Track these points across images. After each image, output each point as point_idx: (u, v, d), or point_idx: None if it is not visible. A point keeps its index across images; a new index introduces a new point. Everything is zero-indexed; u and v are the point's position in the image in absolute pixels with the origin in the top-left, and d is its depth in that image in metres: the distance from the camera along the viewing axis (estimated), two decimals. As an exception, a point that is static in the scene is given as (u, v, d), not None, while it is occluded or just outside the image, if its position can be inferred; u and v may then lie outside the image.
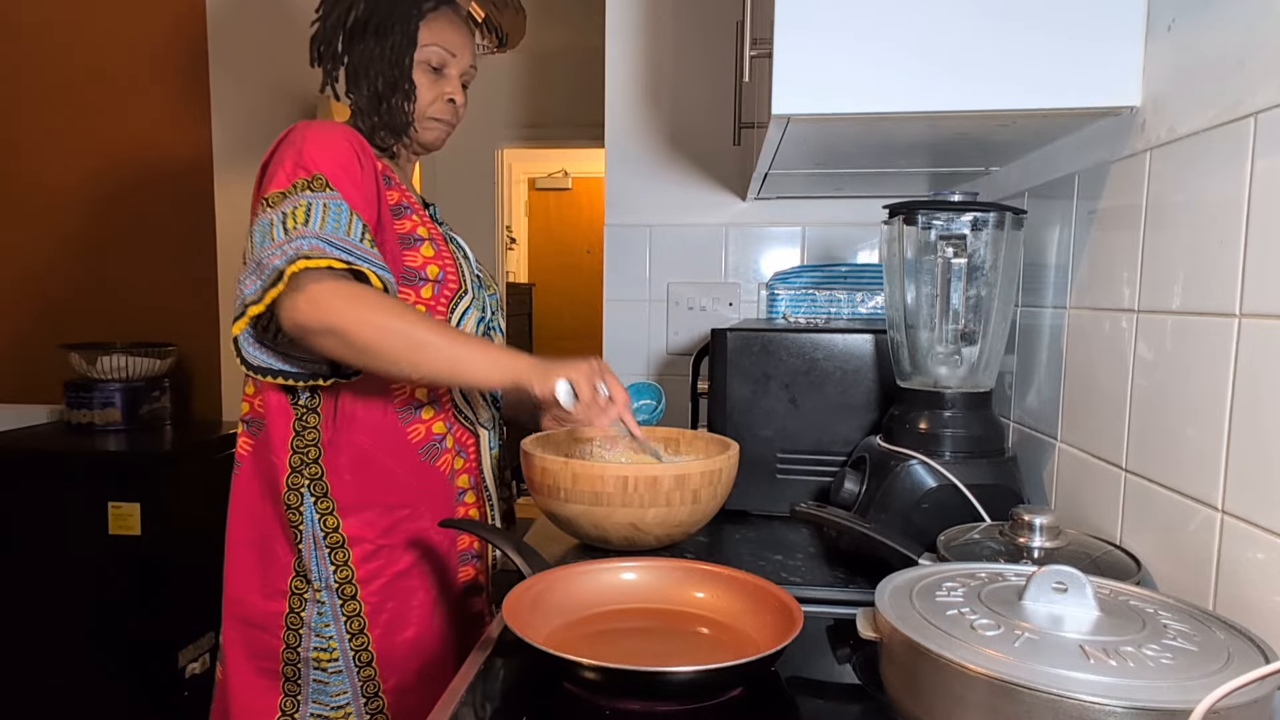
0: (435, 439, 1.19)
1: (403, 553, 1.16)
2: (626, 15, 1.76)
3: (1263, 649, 0.57)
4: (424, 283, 1.15)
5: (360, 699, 1.15)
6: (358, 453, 1.14)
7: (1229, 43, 0.71)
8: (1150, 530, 0.82)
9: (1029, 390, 1.13)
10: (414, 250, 1.16)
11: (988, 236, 1.01)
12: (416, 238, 1.16)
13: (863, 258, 1.74)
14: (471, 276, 1.24)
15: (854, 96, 0.89)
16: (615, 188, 1.80)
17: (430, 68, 1.21)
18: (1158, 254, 0.82)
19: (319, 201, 1.03)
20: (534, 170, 5.98)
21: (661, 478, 0.97)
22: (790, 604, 0.77)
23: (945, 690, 0.55)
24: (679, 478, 0.98)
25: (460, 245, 1.28)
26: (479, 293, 1.25)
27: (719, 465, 1.02)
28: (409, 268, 1.14)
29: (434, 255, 1.17)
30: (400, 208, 1.17)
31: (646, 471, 0.97)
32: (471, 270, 1.26)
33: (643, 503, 0.98)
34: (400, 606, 1.16)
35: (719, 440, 1.14)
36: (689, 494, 1.00)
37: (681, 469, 0.99)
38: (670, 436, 1.20)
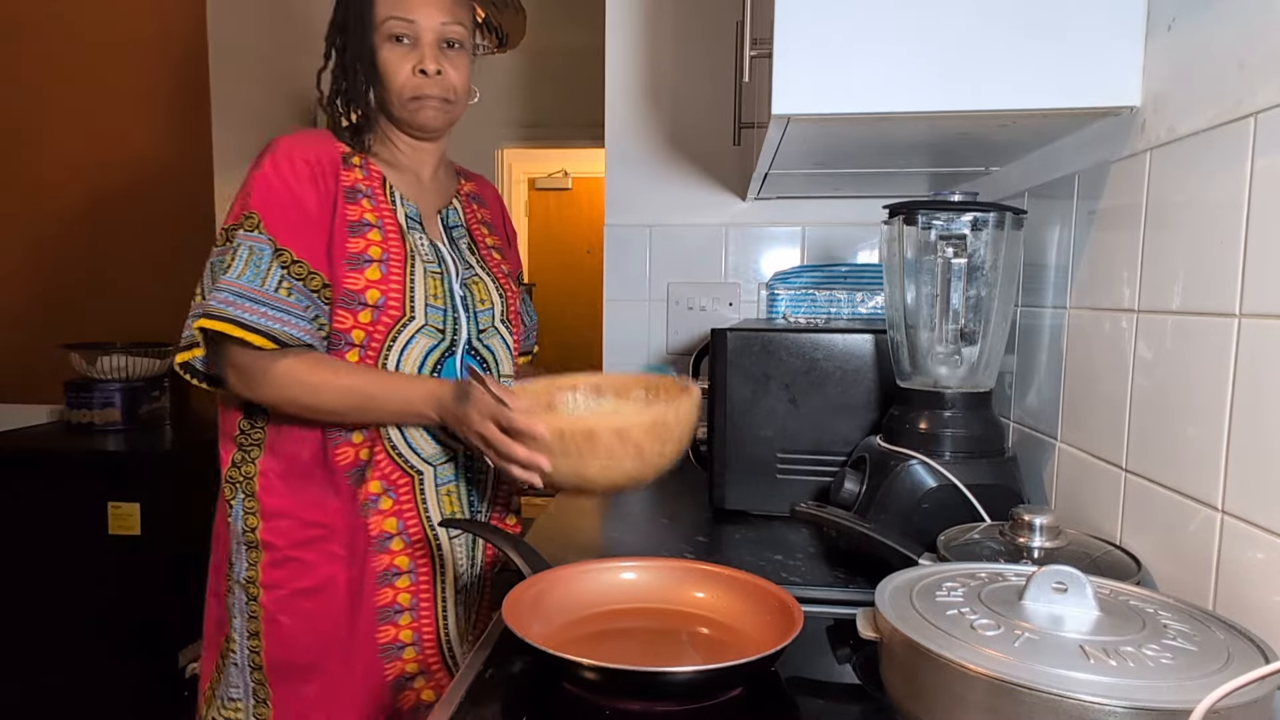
0: (360, 465, 1.14)
1: (308, 571, 1.12)
2: (626, 15, 1.76)
3: (1263, 649, 0.57)
4: (362, 308, 1.09)
5: (250, 701, 1.14)
6: (292, 461, 1.13)
7: (1229, 42, 0.71)
8: (1150, 530, 0.82)
9: (1029, 390, 1.13)
10: (358, 272, 1.09)
11: (988, 236, 1.01)
12: (366, 258, 1.10)
13: (863, 258, 1.74)
14: (430, 300, 1.14)
15: (854, 96, 0.89)
16: (615, 188, 1.80)
17: (395, 42, 1.13)
18: (1158, 254, 0.81)
19: (246, 245, 1.06)
20: (534, 170, 5.97)
21: (598, 431, 0.95)
22: (790, 604, 0.77)
23: (945, 690, 0.55)
24: (619, 431, 0.95)
25: (447, 262, 1.19)
26: (449, 318, 1.16)
27: (665, 417, 0.98)
28: (349, 291, 1.09)
29: (379, 279, 1.10)
30: (360, 225, 1.11)
31: (582, 424, 0.96)
32: (446, 292, 1.17)
33: (581, 454, 0.95)
34: (297, 627, 1.12)
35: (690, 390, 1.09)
36: (631, 448, 0.96)
37: (621, 421, 0.97)
38: (654, 384, 1.16)
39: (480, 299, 1.22)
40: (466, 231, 1.27)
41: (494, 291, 1.25)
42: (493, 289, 1.25)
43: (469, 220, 1.28)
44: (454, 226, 1.25)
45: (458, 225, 1.25)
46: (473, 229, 1.28)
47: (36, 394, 2.60)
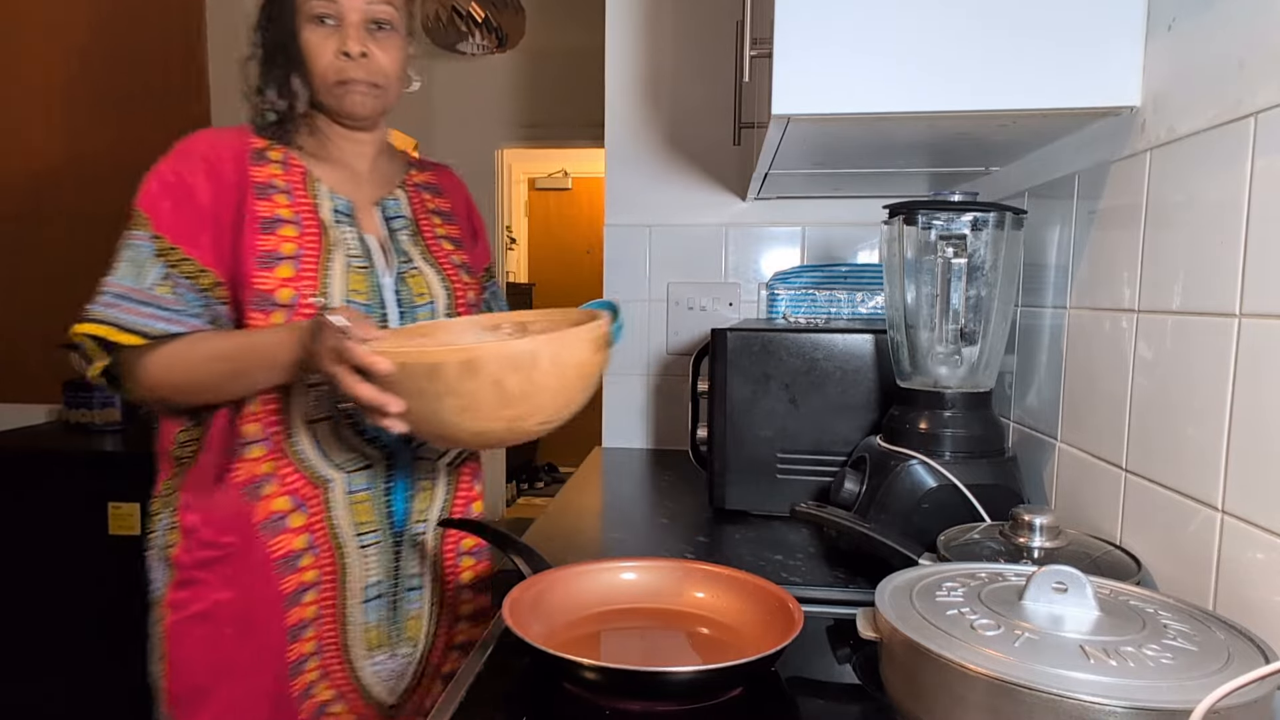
0: (258, 481, 1.05)
1: (203, 593, 1.04)
2: (626, 15, 1.76)
3: (1263, 649, 0.57)
4: (275, 308, 1.02)
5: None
6: (201, 476, 1.06)
7: (1229, 42, 0.71)
8: (1150, 530, 0.82)
9: (1029, 390, 1.13)
10: (268, 271, 1.02)
11: (988, 236, 1.01)
12: (278, 256, 1.03)
13: (863, 258, 1.74)
14: (351, 295, 1.06)
15: (854, 96, 0.89)
16: (615, 188, 1.80)
17: (318, 23, 1.05)
18: (1158, 254, 0.81)
19: (129, 244, 1.03)
20: (534, 170, 5.97)
21: (444, 364, 0.81)
22: (790, 604, 0.77)
23: (945, 690, 0.55)
24: (467, 363, 0.80)
25: (375, 255, 1.11)
26: (375, 315, 1.08)
27: (533, 350, 0.83)
28: (260, 291, 1.02)
29: (291, 276, 1.03)
30: (273, 221, 1.04)
31: (425, 356, 0.83)
32: (372, 286, 1.09)
33: (431, 393, 0.82)
34: (190, 653, 1.05)
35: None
36: (488, 385, 0.81)
37: (470, 353, 0.82)
38: (586, 319, 0.98)
39: (418, 293, 1.13)
40: (411, 222, 1.18)
41: (437, 284, 1.15)
42: (435, 281, 1.15)
43: (416, 210, 1.19)
44: (394, 217, 1.16)
45: (399, 216, 1.16)
46: (420, 219, 1.19)
47: (36, 394, 2.60)
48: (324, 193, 1.09)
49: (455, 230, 1.24)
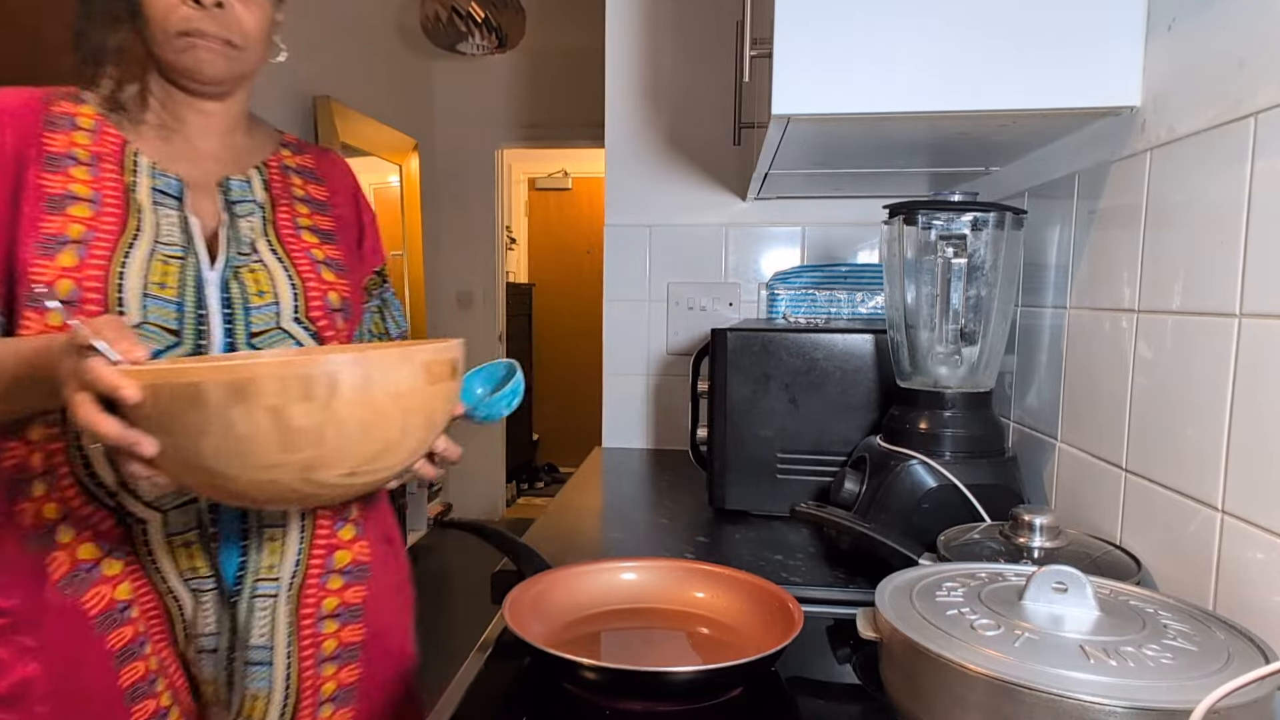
0: (48, 526, 0.86)
1: (5, 672, 0.85)
2: (626, 15, 1.76)
3: (1263, 649, 0.57)
4: (51, 305, 0.84)
5: None
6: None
7: (1229, 42, 0.71)
8: (1150, 530, 0.82)
9: (1029, 390, 1.13)
10: (49, 259, 0.84)
11: (988, 236, 1.01)
12: (61, 240, 0.85)
13: (863, 258, 1.74)
14: (153, 290, 0.87)
15: (854, 96, 0.89)
16: (615, 188, 1.80)
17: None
18: (1158, 254, 0.82)
19: None
20: (534, 170, 5.98)
21: (205, 385, 0.61)
22: (790, 604, 0.77)
23: (945, 690, 0.55)
24: (235, 384, 0.61)
25: (197, 242, 0.91)
26: (188, 315, 0.89)
27: (326, 369, 0.63)
28: (36, 284, 0.83)
29: (74, 266, 0.84)
30: (63, 199, 0.86)
31: (183, 375, 0.62)
32: (187, 281, 0.89)
33: (191, 427, 0.62)
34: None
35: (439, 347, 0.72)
36: (263, 417, 0.61)
37: (240, 371, 0.61)
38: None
39: (256, 290, 0.93)
40: (265, 207, 0.98)
41: (284, 282, 0.95)
42: (282, 278, 0.95)
43: (276, 194, 1.00)
44: (240, 200, 0.96)
45: (247, 200, 0.97)
46: (279, 204, 0.99)
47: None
48: (144, 168, 0.90)
49: (328, 222, 1.03)
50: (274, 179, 1.01)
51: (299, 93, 2.98)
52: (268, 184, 1.00)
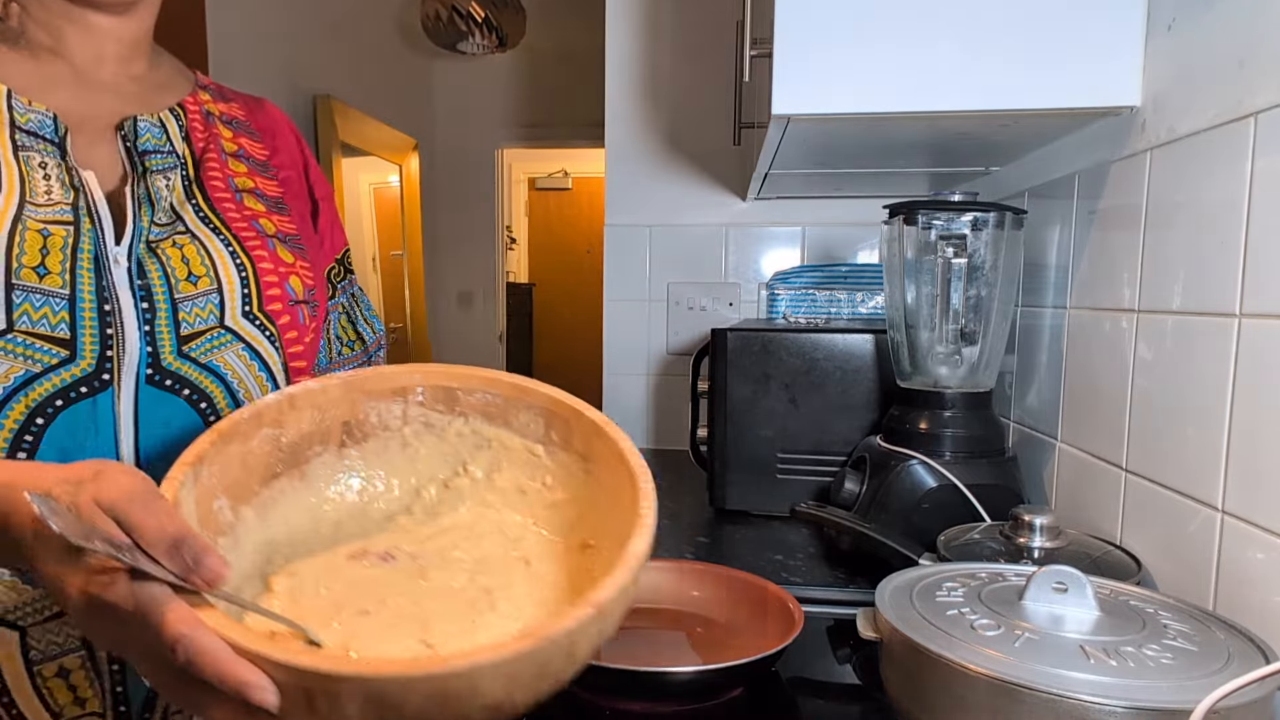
0: None
1: None
2: (626, 15, 1.76)
3: (1263, 649, 0.57)
4: None
5: None
6: None
7: (1229, 43, 0.71)
8: (1150, 530, 0.82)
9: (1029, 390, 1.13)
10: None
11: (988, 236, 1.01)
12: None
13: (863, 258, 1.74)
14: (22, 277, 0.60)
15: (854, 96, 0.89)
16: (615, 188, 1.80)
17: None
18: (1158, 254, 0.82)
19: None
20: (534, 170, 5.97)
21: (409, 694, 0.41)
22: (790, 604, 0.77)
23: (945, 690, 0.55)
24: (439, 694, 0.42)
25: (99, 207, 0.65)
26: (84, 312, 0.62)
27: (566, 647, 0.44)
28: None
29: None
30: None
31: (345, 666, 0.42)
32: (82, 263, 0.63)
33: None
34: None
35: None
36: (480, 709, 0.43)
37: (464, 662, 0.41)
38: (556, 407, 0.61)
39: (186, 275, 0.67)
40: (187, 161, 0.73)
41: (226, 259, 0.70)
42: (222, 254, 0.70)
43: (201, 147, 0.74)
44: (153, 151, 0.70)
45: (163, 151, 0.71)
46: (206, 160, 0.74)
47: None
48: (8, 99, 0.64)
49: (274, 187, 0.79)
50: (195, 126, 0.75)
51: (299, 92, 2.98)
52: (188, 133, 0.74)
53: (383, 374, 0.62)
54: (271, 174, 0.80)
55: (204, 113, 0.77)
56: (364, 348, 0.91)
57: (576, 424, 0.60)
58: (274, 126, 0.84)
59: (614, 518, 0.55)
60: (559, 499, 0.61)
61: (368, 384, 0.61)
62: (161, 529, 0.44)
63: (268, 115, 0.84)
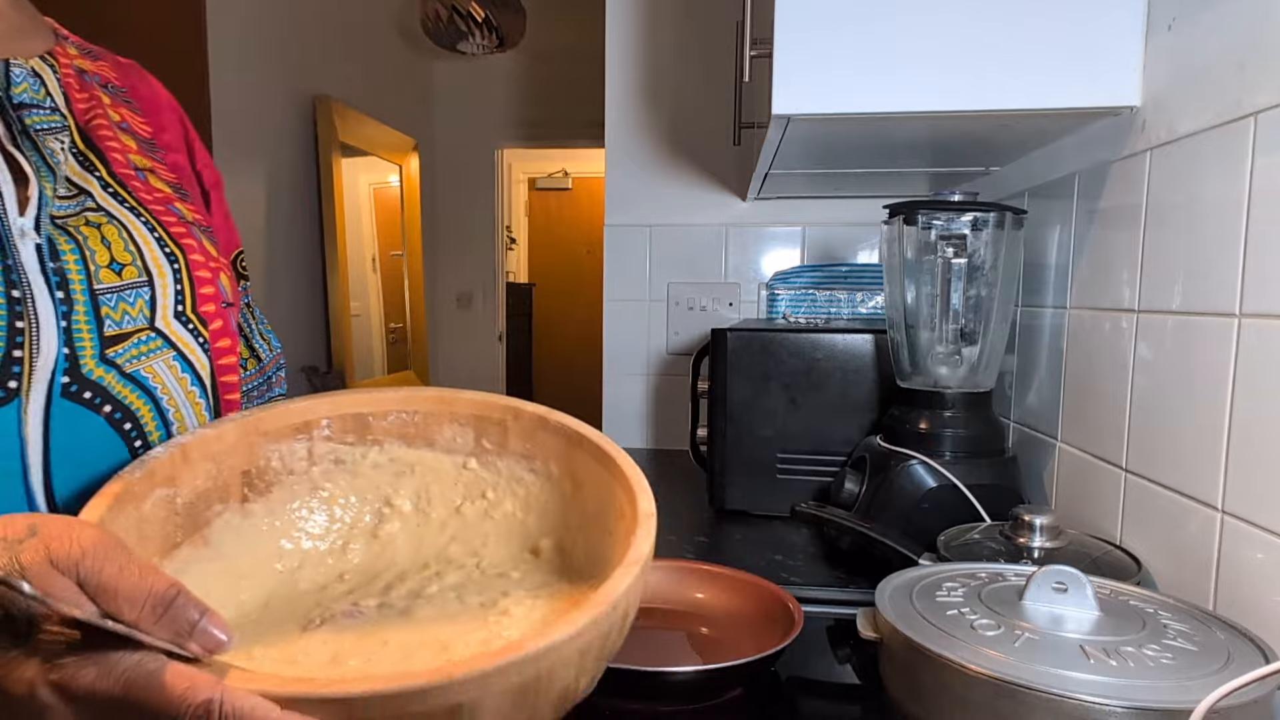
0: None
1: None
2: (626, 15, 1.76)
3: (1263, 649, 0.57)
4: None
5: None
6: None
7: (1229, 43, 0.71)
8: (1150, 530, 0.82)
9: (1029, 390, 1.13)
10: None
11: (988, 236, 1.01)
12: None
13: (863, 258, 1.74)
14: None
15: (854, 96, 0.89)
16: (615, 188, 1.80)
17: None
18: (1158, 254, 0.81)
19: None
20: (534, 170, 5.97)
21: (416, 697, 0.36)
22: (790, 604, 0.77)
23: (945, 690, 0.55)
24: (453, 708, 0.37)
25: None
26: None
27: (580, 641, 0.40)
28: None
29: None
30: None
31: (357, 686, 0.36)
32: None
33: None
34: None
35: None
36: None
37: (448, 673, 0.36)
38: (488, 415, 0.57)
39: (110, 259, 0.56)
40: (69, 125, 0.60)
41: (155, 251, 0.59)
42: (152, 245, 0.59)
43: (84, 109, 0.62)
44: (32, 105, 0.58)
45: (44, 107, 0.59)
46: (95, 127, 0.62)
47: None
48: None
49: (167, 172, 0.67)
50: (71, 84, 0.62)
51: (299, 93, 2.98)
52: (65, 90, 0.61)
53: (281, 410, 0.54)
54: (159, 155, 0.67)
55: (77, 70, 0.64)
56: (259, 367, 0.77)
57: (514, 424, 0.56)
58: (153, 98, 0.71)
59: (583, 499, 0.53)
60: (508, 510, 0.57)
61: (264, 424, 0.54)
62: (144, 586, 0.36)
63: (145, 84, 0.71)
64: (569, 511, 0.55)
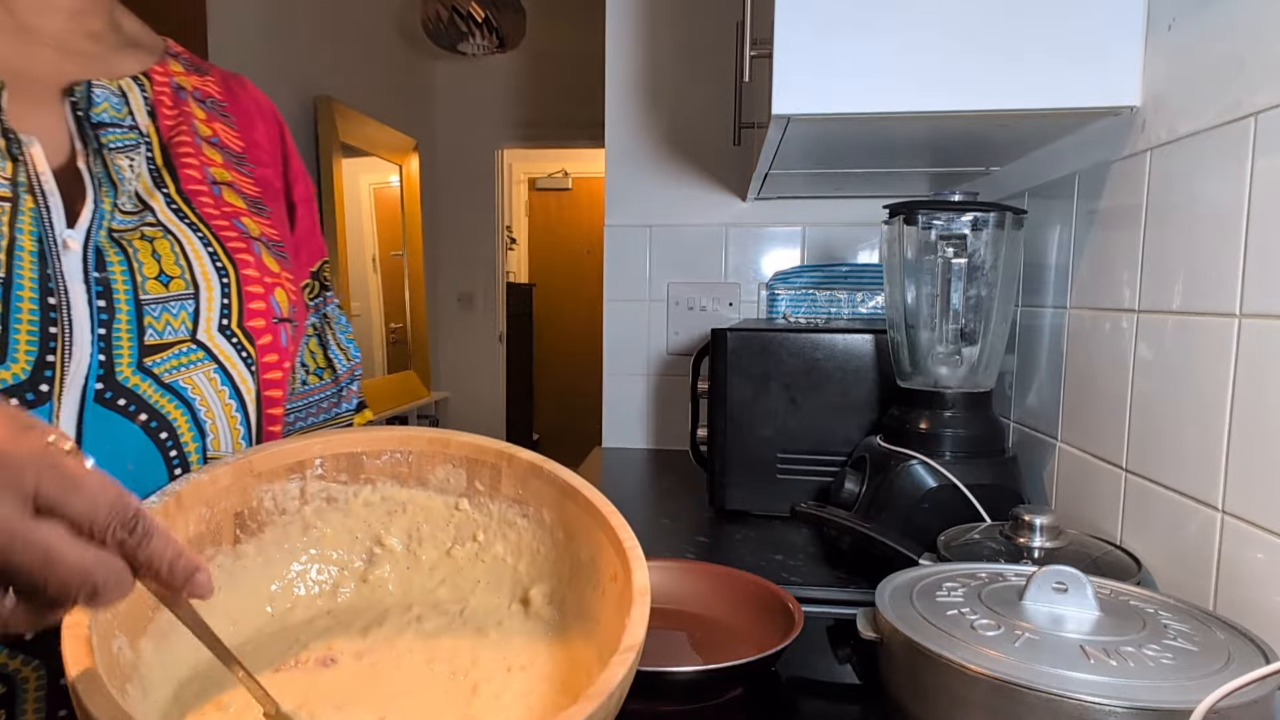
0: None
1: None
2: (626, 15, 1.76)
3: (1263, 649, 0.57)
4: None
5: None
6: None
7: (1229, 43, 0.71)
8: (1150, 530, 0.82)
9: (1029, 390, 1.13)
10: None
11: (988, 236, 1.01)
12: None
13: (863, 258, 1.74)
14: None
15: (854, 96, 0.89)
16: (615, 188, 1.80)
17: None
18: (1158, 254, 0.81)
19: None
20: (534, 170, 5.97)
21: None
22: (790, 604, 0.77)
23: (945, 690, 0.55)
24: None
25: (41, 179, 0.55)
26: (24, 308, 0.51)
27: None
28: None
29: None
30: None
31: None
32: (20, 245, 0.52)
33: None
34: None
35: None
36: None
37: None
38: (472, 456, 0.58)
39: (159, 271, 0.58)
40: (153, 141, 0.63)
41: (206, 263, 0.61)
42: (202, 256, 0.61)
43: (170, 125, 0.65)
44: (110, 125, 0.60)
45: (122, 125, 0.61)
46: (177, 143, 0.64)
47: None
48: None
49: (251, 186, 0.69)
50: (162, 100, 0.65)
51: (299, 93, 2.98)
52: (154, 107, 0.64)
53: (275, 451, 0.54)
54: (247, 169, 0.70)
55: (173, 86, 0.67)
56: (334, 377, 0.77)
57: (508, 469, 0.57)
58: (253, 111, 0.74)
59: (575, 550, 0.54)
60: (498, 553, 0.58)
61: (257, 465, 0.53)
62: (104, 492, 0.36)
63: (248, 96, 0.74)
64: (560, 561, 0.56)
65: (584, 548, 0.54)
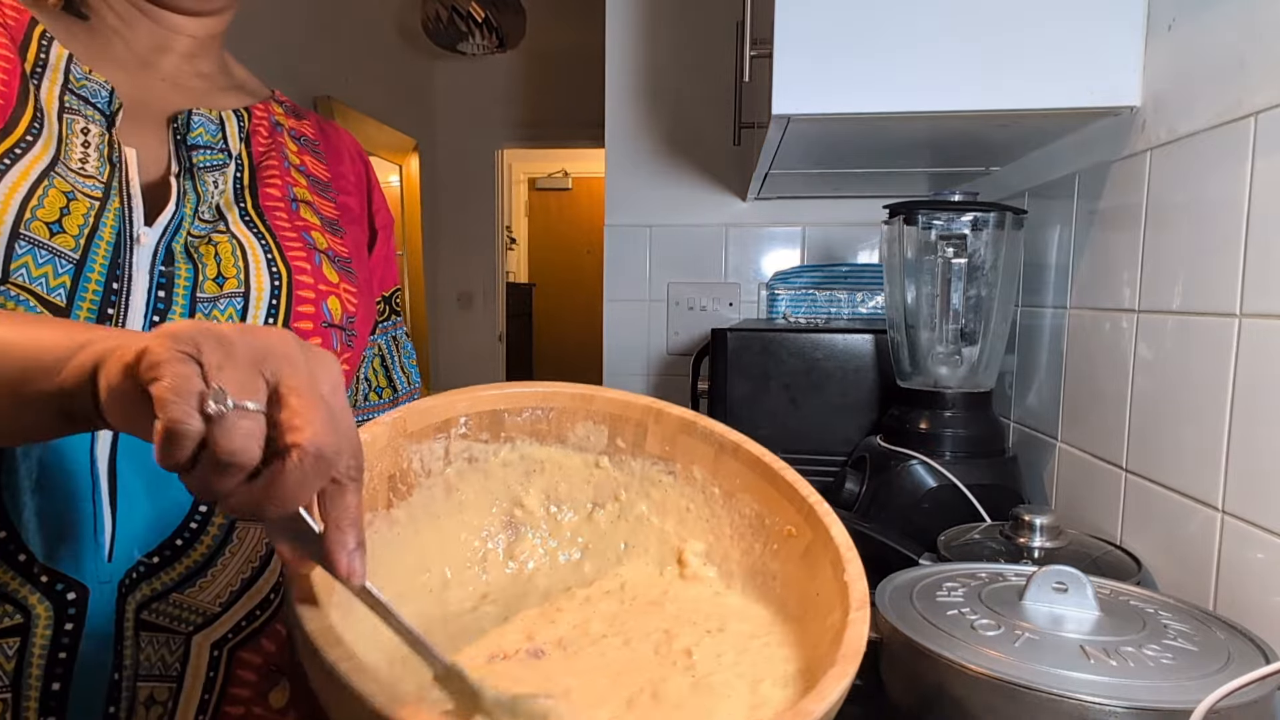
0: None
1: None
2: (626, 15, 1.76)
3: (1263, 649, 0.57)
4: None
5: None
6: None
7: (1229, 42, 0.71)
8: (1150, 530, 0.82)
9: (1029, 390, 1.13)
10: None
11: (988, 236, 1.01)
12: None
13: (863, 258, 1.74)
14: (32, 229, 0.56)
15: (854, 96, 0.89)
16: (615, 188, 1.80)
17: None
18: (1158, 254, 0.81)
19: None
20: (534, 170, 5.98)
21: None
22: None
23: (945, 690, 0.55)
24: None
25: (131, 185, 0.62)
26: (89, 281, 0.57)
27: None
28: None
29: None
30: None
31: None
32: (101, 230, 0.59)
33: None
34: None
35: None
36: None
37: None
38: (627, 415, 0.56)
39: (218, 273, 0.63)
40: (244, 164, 0.71)
41: (261, 265, 0.66)
42: (259, 260, 0.66)
43: (262, 152, 0.73)
44: (203, 147, 0.68)
45: (214, 148, 0.69)
46: (265, 166, 0.73)
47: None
48: (56, 61, 0.63)
49: (331, 209, 0.76)
50: (259, 131, 0.74)
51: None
52: (248, 136, 0.73)
53: (425, 409, 0.52)
54: (330, 195, 0.78)
55: (271, 121, 0.77)
56: (393, 396, 0.83)
57: (655, 426, 0.55)
58: (342, 149, 0.83)
59: (737, 506, 0.53)
60: (641, 511, 0.56)
61: (410, 424, 0.51)
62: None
63: (339, 138, 0.84)
64: (716, 518, 0.54)
65: (747, 503, 0.52)
